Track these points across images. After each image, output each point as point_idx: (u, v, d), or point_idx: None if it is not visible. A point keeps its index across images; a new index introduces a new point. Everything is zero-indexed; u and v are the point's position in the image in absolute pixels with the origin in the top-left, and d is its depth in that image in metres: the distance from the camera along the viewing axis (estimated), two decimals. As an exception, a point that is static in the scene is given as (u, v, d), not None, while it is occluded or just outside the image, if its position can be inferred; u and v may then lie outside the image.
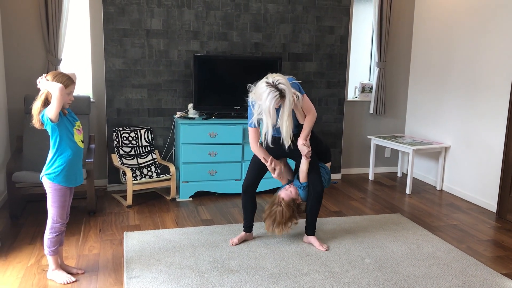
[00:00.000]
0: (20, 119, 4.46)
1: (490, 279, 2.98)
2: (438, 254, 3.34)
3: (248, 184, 3.38)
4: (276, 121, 3.02)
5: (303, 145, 3.21)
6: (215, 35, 4.86)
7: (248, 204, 3.42)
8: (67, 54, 4.62)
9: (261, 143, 3.23)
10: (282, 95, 2.89)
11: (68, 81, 2.70)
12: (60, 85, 2.59)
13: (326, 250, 3.38)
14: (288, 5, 5.01)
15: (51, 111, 2.59)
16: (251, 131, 3.21)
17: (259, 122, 3.13)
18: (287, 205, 3.27)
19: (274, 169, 3.27)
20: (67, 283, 2.82)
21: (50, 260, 2.85)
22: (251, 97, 3.08)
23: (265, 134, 3.05)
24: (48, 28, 4.38)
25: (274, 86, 2.88)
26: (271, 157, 3.27)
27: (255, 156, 3.35)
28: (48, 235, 2.79)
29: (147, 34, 4.67)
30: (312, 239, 3.46)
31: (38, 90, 2.71)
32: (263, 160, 3.26)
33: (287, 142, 3.09)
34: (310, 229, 3.46)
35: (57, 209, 2.76)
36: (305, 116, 3.24)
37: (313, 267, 3.09)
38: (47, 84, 2.63)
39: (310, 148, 3.21)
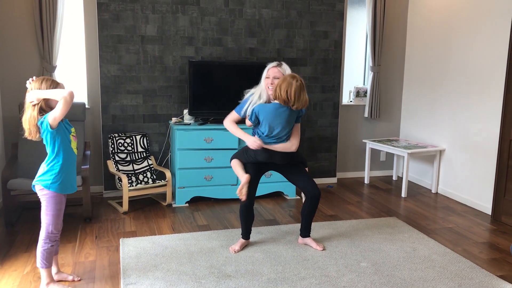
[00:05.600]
0: (14, 127, 4.45)
1: (486, 281, 3.00)
2: (434, 257, 3.35)
3: (248, 203, 3.34)
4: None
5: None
6: (209, 41, 4.87)
7: (249, 216, 3.42)
8: (62, 61, 4.62)
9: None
10: (279, 64, 3.37)
11: (53, 83, 2.66)
12: (70, 90, 2.55)
13: (323, 249, 3.42)
14: (283, 10, 5.04)
15: (56, 116, 2.54)
16: (233, 114, 3.43)
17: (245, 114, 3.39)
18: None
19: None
20: None
21: (43, 273, 2.76)
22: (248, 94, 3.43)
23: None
24: (43, 35, 4.38)
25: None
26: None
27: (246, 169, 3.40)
28: (42, 246, 2.70)
29: (142, 40, 4.68)
30: (308, 240, 3.52)
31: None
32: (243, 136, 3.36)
33: None
34: (306, 231, 3.52)
35: (52, 218, 2.70)
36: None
37: (310, 271, 3.10)
38: (47, 92, 2.58)
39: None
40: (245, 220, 3.43)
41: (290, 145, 3.30)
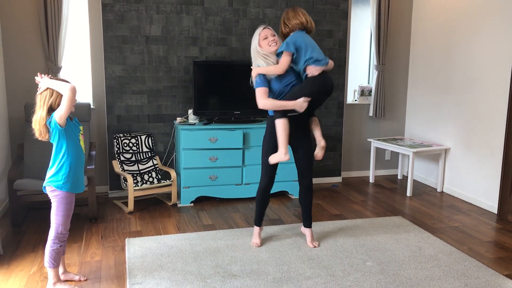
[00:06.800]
0: (20, 127, 4.48)
1: (492, 281, 2.99)
2: (440, 256, 3.35)
3: (267, 184, 3.44)
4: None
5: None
6: (214, 41, 4.88)
7: (266, 201, 3.50)
8: (67, 62, 4.64)
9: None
10: (267, 26, 3.40)
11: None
12: (71, 85, 2.56)
13: (314, 247, 3.47)
14: (286, 9, 5.03)
15: (62, 113, 2.56)
16: (260, 90, 3.23)
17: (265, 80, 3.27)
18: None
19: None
20: None
21: (50, 273, 2.78)
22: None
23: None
24: (48, 36, 4.40)
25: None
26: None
27: (265, 158, 3.37)
28: (51, 246, 2.72)
29: (147, 40, 4.69)
30: (307, 231, 3.57)
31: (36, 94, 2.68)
32: (291, 103, 3.14)
33: None
34: (307, 221, 3.57)
35: (63, 218, 2.71)
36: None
37: (315, 270, 3.10)
38: (55, 83, 2.60)
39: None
40: (261, 204, 3.49)
41: (331, 61, 3.42)
